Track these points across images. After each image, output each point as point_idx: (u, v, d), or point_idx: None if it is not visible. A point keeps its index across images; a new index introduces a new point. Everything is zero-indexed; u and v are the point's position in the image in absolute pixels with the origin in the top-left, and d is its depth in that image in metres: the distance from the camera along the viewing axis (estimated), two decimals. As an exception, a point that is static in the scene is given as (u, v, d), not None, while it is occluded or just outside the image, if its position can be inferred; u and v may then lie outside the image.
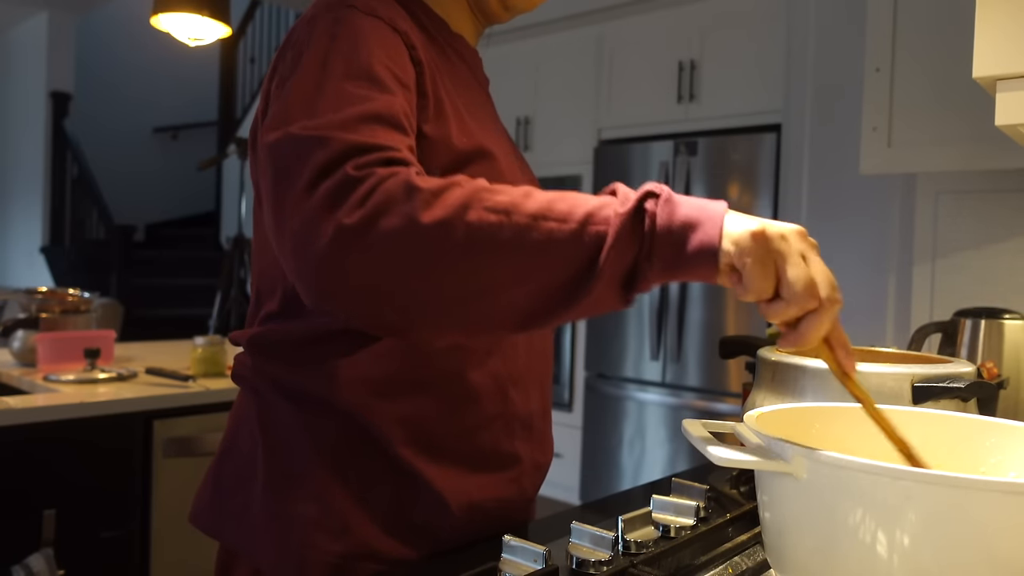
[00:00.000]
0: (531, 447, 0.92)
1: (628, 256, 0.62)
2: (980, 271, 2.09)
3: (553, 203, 0.64)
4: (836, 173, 2.82)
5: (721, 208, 0.63)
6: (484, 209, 0.62)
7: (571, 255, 0.62)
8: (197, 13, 2.58)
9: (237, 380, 0.89)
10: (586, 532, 0.76)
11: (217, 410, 2.00)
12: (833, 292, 0.60)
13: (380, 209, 0.61)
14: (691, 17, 3.32)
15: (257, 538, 0.82)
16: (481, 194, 0.64)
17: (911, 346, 1.53)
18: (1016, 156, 1.75)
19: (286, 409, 0.82)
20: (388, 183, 0.63)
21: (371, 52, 0.73)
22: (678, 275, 0.63)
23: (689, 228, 0.62)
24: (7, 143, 6.55)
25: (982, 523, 0.49)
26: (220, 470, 0.89)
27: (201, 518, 0.89)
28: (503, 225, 0.62)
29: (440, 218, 0.61)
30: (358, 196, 0.62)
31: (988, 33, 0.90)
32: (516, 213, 0.63)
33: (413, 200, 0.62)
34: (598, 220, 0.62)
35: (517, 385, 0.89)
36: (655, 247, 0.62)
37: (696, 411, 3.20)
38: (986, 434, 0.67)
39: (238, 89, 7.08)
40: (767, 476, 0.59)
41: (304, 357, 0.81)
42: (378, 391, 0.80)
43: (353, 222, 0.61)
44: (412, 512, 0.82)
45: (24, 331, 2.20)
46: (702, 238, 0.61)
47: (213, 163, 4.19)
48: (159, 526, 1.90)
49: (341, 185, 0.63)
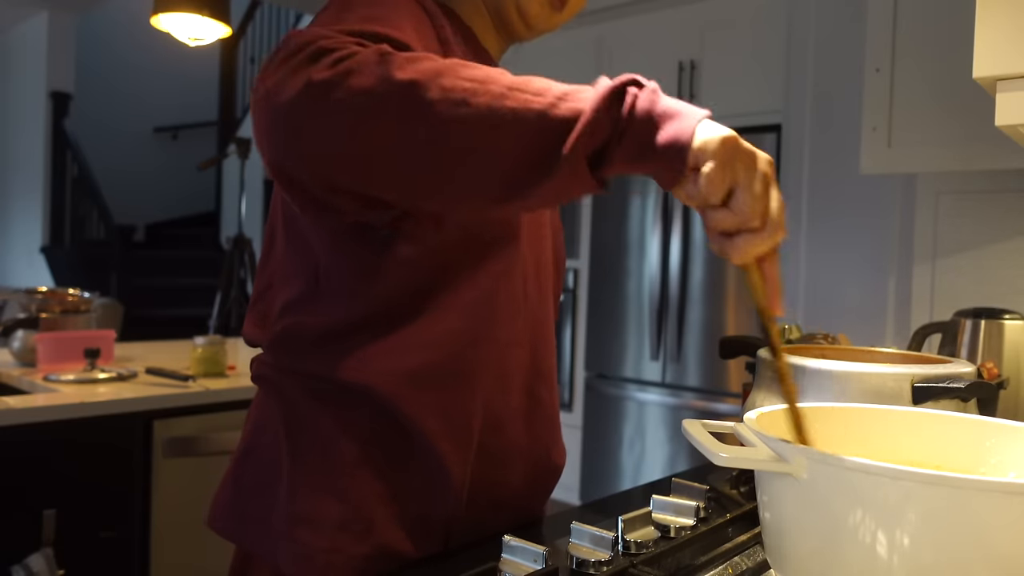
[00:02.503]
0: (550, 445, 0.94)
1: (600, 134, 0.61)
2: (980, 271, 2.09)
3: (531, 80, 0.63)
4: (836, 173, 2.82)
5: (702, 111, 0.61)
6: (457, 77, 0.61)
7: (545, 125, 0.60)
8: (197, 13, 2.58)
9: (258, 381, 0.87)
10: (586, 532, 0.76)
11: (217, 410, 2.00)
12: (780, 219, 0.60)
13: (352, 68, 0.61)
14: (691, 17, 3.32)
15: (279, 543, 0.80)
16: (456, 66, 0.62)
17: (911, 346, 1.54)
18: (1016, 156, 1.75)
19: (314, 408, 0.81)
20: (363, 52, 0.62)
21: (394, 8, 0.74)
22: (644, 165, 0.62)
23: (666, 118, 0.60)
24: (7, 143, 6.55)
25: (982, 523, 0.49)
26: (240, 473, 0.87)
27: (219, 522, 0.88)
28: (477, 91, 0.60)
29: (410, 78, 0.60)
30: (332, 58, 0.62)
31: (988, 33, 0.90)
32: (491, 83, 0.61)
33: (386, 63, 0.61)
34: (575, 98, 0.61)
35: (545, 381, 0.91)
36: (628, 129, 0.61)
37: (696, 411, 3.20)
38: (986, 434, 0.67)
39: (238, 89, 7.08)
40: (767, 476, 0.59)
41: (336, 348, 0.79)
42: (413, 381, 0.79)
43: (324, 77, 0.61)
44: (434, 508, 0.82)
45: (24, 331, 2.20)
46: (676, 130, 0.60)
47: (213, 163, 4.19)
48: (159, 526, 1.90)
49: (318, 50, 0.63)
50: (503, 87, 0.61)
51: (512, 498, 0.89)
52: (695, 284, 3.22)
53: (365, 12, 0.72)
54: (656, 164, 0.61)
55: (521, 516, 0.92)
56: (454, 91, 0.60)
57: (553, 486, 0.97)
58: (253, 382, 0.87)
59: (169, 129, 7.45)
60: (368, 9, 0.73)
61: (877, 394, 0.86)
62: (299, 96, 0.61)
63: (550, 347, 0.94)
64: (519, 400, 0.88)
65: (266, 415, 0.85)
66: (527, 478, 0.90)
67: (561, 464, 0.97)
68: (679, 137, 0.60)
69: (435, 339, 0.80)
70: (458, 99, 0.60)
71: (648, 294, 3.37)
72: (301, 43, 0.64)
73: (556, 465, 0.96)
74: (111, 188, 6.32)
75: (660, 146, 0.60)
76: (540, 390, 0.91)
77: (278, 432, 0.83)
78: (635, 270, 3.43)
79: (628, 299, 3.46)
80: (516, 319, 0.87)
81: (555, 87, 0.63)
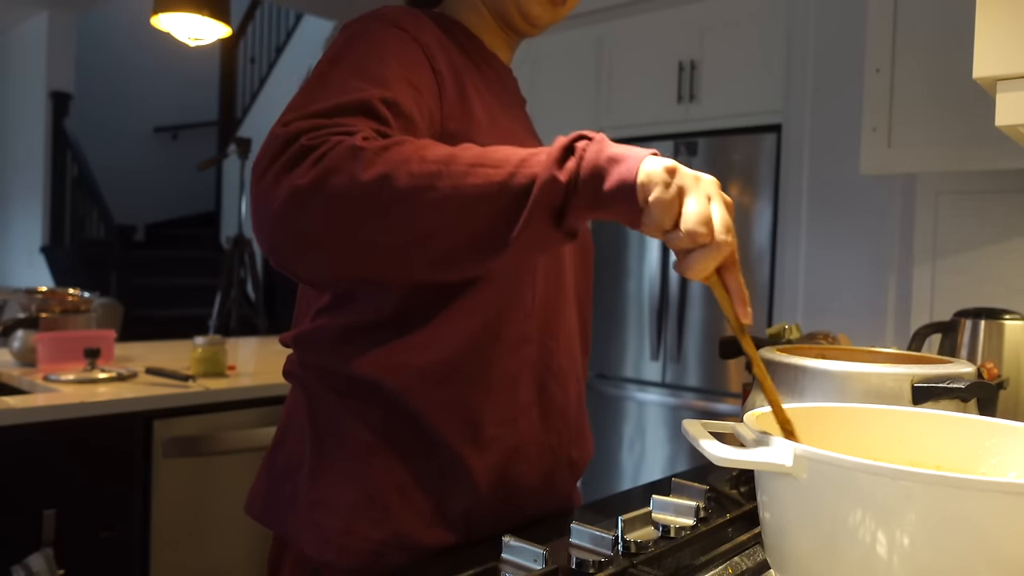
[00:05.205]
0: (567, 441, 0.96)
1: (557, 191, 0.66)
2: (980, 271, 2.09)
3: (490, 152, 0.68)
4: (836, 173, 2.82)
5: (645, 151, 0.66)
6: (423, 161, 0.67)
7: (506, 194, 0.66)
8: (197, 13, 2.58)
9: (288, 377, 0.93)
10: (586, 532, 0.76)
11: (217, 410, 2.00)
12: (726, 233, 0.63)
13: (329, 169, 0.66)
14: (691, 17, 3.32)
15: (302, 526, 0.86)
16: (421, 151, 0.68)
17: (911, 346, 1.54)
18: (1016, 156, 1.75)
19: (333, 401, 0.87)
20: (337, 148, 0.67)
21: (380, 55, 0.79)
22: (603, 211, 0.67)
23: (612, 164, 0.66)
24: (7, 143, 6.55)
25: (982, 523, 0.49)
26: (273, 461, 0.93)
27: (254, 507, 0.94)
28: (441, 174, 0.66)
29: (381, 172, 0.66)
30: (310, 161, 0.67)
31: (988, 33, 0.90)
32: (454, 163, 0.67)
33: (358, 159, 0.66)
34: (531, 163, 0.67)
35: (556, 378, 0.93)
36: (579, 181, 0.66)
37: (696, 411, 3.20)
38: (986, 434, 0.67)
39: (238, 89, 7.09)
40: (767, 476, 0.59)
41: (353, 346, 0.84)
42: (425, 376, 0.83)
43: (305, 183, 0.66)
44: (450, 499, 0.85)
45: (24, 331, 2.20)
46: (622, 172, 0.65)
47: (213, 163, 4.19)
48: (159, 526, 1.90)
49: (296, 153, 0.68)
50: (465, 165, 0.67)
51: (531, 491, 0.92)
52: (695, 284, 3.22)
53: (353, 67, 0.77)
54: (613, 208, 0.66)
55: (544, 509, 0.94)
56: (421, 176, 0.66)
57: (574, 480, 1.00)
58: (284, 378, 0.94)
59: (169, 129, 7.46)
60: (356, 63, 0.78)
61: (877, 394, 0.86)
62: (285, 204, 0.67)
63: (564, 345, 0.95)
64: (529, 395, 0.90)
65: (294, 408, 0.92)
66: (544, 472, 0.93)
67: (578, 458, 0.98)
68: (625, 178, 0.65)
69: (443, 339, 0.84)
70: (426, 184, 0.66)
71: (648, 294, 3.37)
72: (285, 141, 0.69)
73: (572, 459, 0.97)
74: (111, 188, 6.32)
75: (610, 191, 0.65)
76: (551, 386, 0.93)
77: (304, 423, 0.89)
78: (635, 270, 3.43)
79: (628, 299, 3.46)
80: (525, 318, 0.89)
81: (513, 156, 0.67)
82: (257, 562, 2.03)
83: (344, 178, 0.66)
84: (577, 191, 0.66)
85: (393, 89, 0.76)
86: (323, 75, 0.77)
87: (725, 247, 0.63)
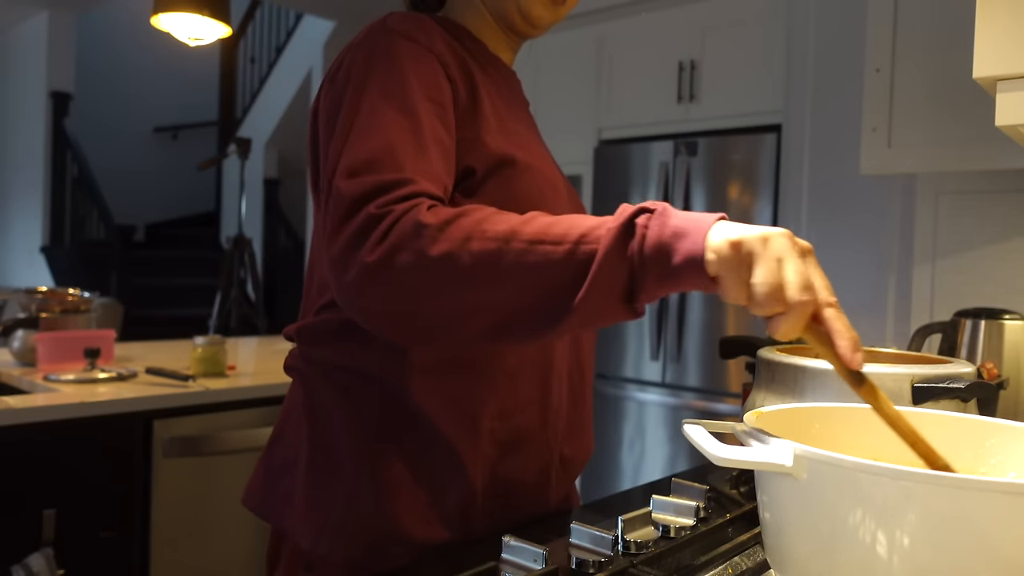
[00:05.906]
0: (565, 438, 0.96)
1: (621, 269, 0.66)
2: (980, 271, 2.09)
3: (551, 226, 0.69)
4: (836, 173, 2.82)
5: (711, 219, 0.65)
6: (485, 238, 0.69)
7: (567, 272, 0.67)
8: (197, 13, 2.58)
9: (288, 371, 0.95)
10: (586, 532, 0.76)
11: (217, 410, 2.00)
12: (802, 293, 0.59)
13: (395, 246, 0.70)
14: (691, 17, 3.32)
15: (298, 519, 0.87)
16: (483, 224, 0.70)
17: (911, 346, 1.54)
18: (1016, 156, 1.75)
19: (331, 395, 0.88)
20: (402, 222, 0.71)
21: (404, 76, 0.81)
22: (673, 285, 0.66)
23: (676, 239, 0.65)
24: (7, 143, 6.55)
25: (982, 523, 0.49)
26: (271, 455, 0.94)
27: (251, 500, 0.95)
28: (502, 251, 0.68)
29: (446, 251, 0.69)
30: (377, 235, 0.71)
31: (988, 33, 0.90)
32: (515, 239, 0.69)
33: (422, 237, 0.70)
34: (591, 239, 0.67)
35: (557, 375, 0.94)
36: (646, 259, 0.65)
37: (696, 411, 3.20)
38: (986, 434, 0.67)
39: (238, 89, 7.08)
40: (767, 476, 0.59)
41: (355, 339, 0.86)
42: (423, 368, 0.85)
43: (373, 260, 0.70)
44: (446, 495, 0.86)
45: (24, 331, 2.20)
46: (688, 248, 0.64)
47: (213, 163, 4.19)
48: (159, 526, 1.90)
49: (364, 224, 0.72)
50: (525, 242, 0.68)
51: (529, 487, 0.92)
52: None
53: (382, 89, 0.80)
54: (684, 282, 0.65)
55: (539, 505, 0.95)
56: (483, 256, 0.69)
57: (572, 478, 1.00)
58: (285, 372, 0.95)
59: (169, 129, 7.45)
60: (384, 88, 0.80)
61: (877, 394, 0.86)
62: (357, 279, 0.72)
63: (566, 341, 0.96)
64: (529, 391, 0.91)
65: (294, 403, 0.93)
66: (541, 468, 0.93)
67: (572, 456, 0.98)
68: (692, 253, 0.64)
69: None
70: (489, 263, 0.69)
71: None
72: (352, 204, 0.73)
73: (569, 457, 0.98)
74: (111, 188, 6.32)
75: (678, 268, 0.65)
76: (552, 383, 0.93)
77: (302, 418, 0.90)
78: (635, 270, 3.43)
79: (628, 299, 3.46)
80: None
81: (573, 230, 0.68)
82: (257, 562, 2.03)
83: (410, 256, 0.69)
84: (645, 271, 0.66)
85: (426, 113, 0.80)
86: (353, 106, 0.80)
87: (804, 307, 0.60)
